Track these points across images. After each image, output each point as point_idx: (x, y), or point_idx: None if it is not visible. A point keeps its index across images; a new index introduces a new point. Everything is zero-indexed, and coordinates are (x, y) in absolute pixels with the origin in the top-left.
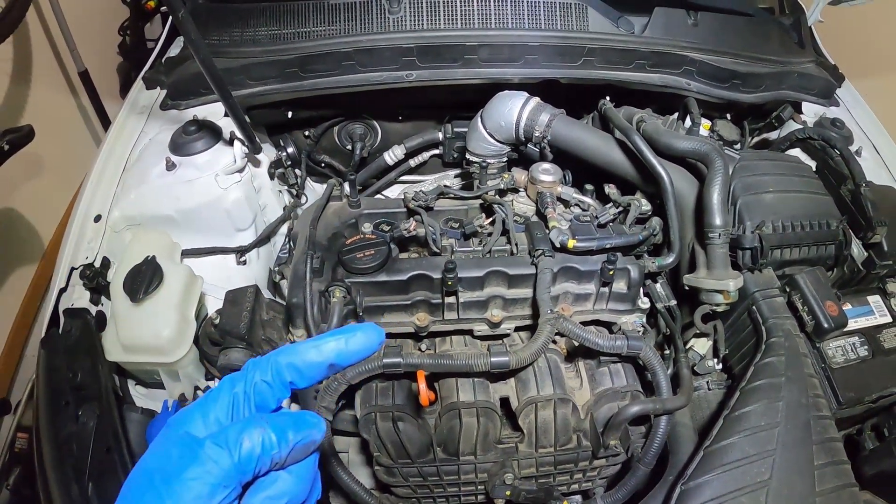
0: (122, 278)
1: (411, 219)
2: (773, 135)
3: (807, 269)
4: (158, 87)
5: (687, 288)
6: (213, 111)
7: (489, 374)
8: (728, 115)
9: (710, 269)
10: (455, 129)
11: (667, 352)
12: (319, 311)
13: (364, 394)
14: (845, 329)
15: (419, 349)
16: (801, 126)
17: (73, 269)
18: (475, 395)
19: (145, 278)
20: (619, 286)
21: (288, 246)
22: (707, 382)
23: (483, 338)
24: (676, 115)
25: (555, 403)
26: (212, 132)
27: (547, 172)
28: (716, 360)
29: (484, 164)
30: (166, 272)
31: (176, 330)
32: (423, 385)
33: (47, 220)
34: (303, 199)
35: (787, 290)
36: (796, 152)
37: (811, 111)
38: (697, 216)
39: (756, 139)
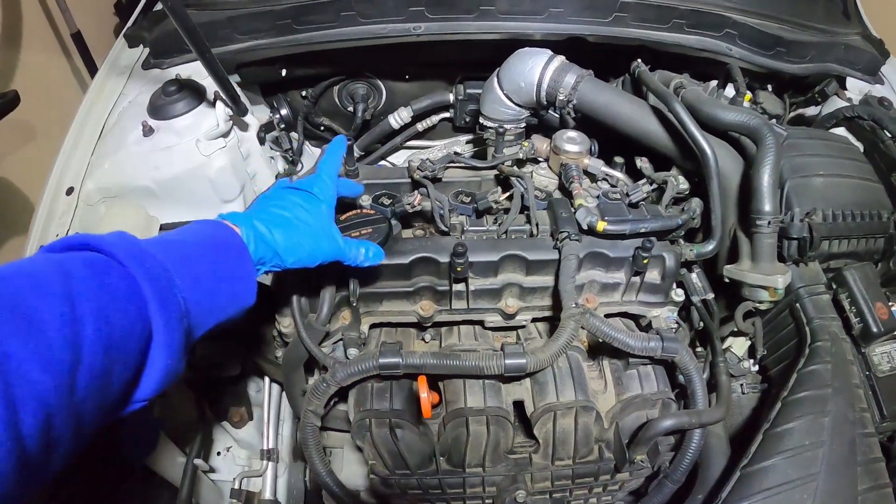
0: None
1: (416, 191)
2: (811, 111)
3: (855, 265)
4: (141, 45)
5: (727, 280)
6: (199, 69)
7: (501, 376)
8: (769, 87)
9: (756, 261)
10: (468, 91)
11: (698, 349)
12: (307, 298)
13: (358, 395)
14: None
15: (422, 339)
16: (846, 103)
17: (41, 247)
18: (485, 399)
19: None
20: (653, 276)
21: None
22: (742, 385)
23: (495, 329)
24: (716, 82)
25: (576, 411)
26: (194, 93)
27: (573, 141)
28: (752, 360)
29: (500, 129)
30: None
31: None
32: (424, 394)
33: (39, 189)
34: (299, 167)
35: (834, 286)
36: (841, 132)
37: (855, 88)
38: (741, 199)
39: (792, 115)
